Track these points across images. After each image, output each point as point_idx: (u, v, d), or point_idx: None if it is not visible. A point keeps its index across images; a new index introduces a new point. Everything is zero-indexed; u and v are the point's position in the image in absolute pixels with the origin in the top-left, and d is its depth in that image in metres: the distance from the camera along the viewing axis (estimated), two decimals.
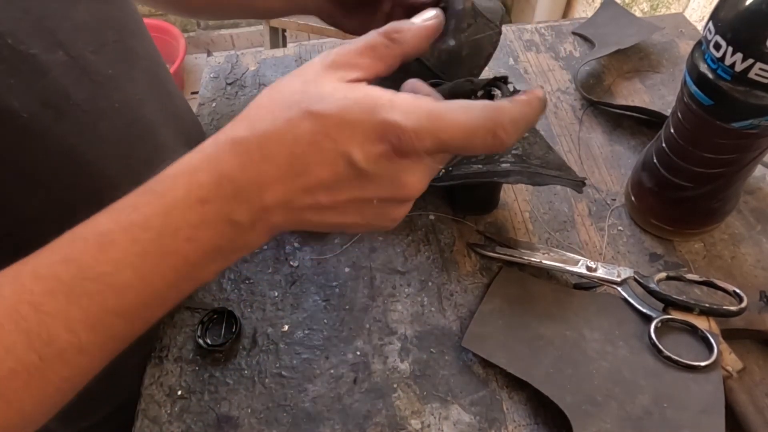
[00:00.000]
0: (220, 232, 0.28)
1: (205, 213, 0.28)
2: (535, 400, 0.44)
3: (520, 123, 0.29)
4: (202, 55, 2.31)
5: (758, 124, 0.41)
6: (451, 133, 0.28)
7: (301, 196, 0.28)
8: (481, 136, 0.28)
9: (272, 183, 0.28)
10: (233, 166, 0.28)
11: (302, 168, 0.28)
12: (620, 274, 0.48)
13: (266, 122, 0.29)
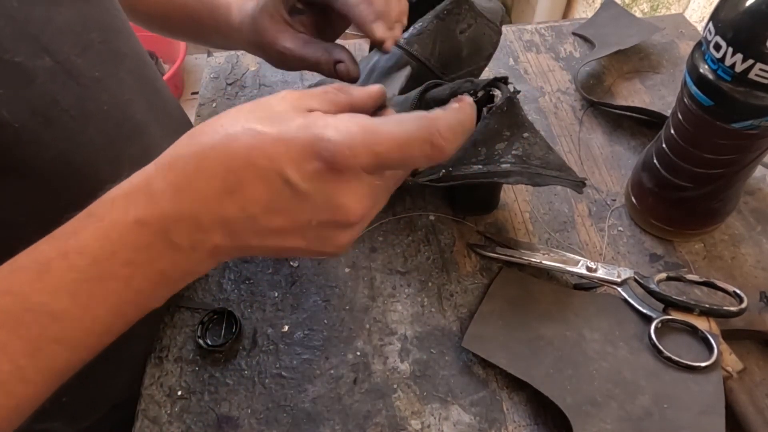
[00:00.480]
0: (160, 254, 0.27)
1: (142, 234, 0.27)
2: (535, 400, 0.44)
3: (456, 129, 0.28)
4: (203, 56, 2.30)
5: (758, 125, 0.41)
6: (387, 145, 0.27)
7: (238, 216, 0.27)
8: (418, 146, 0.27)
9: (207, 200, 0.27)
10: (170, 184, 0.27)
11: (237, 185, 0.27)
12: (620, 274, 0.48)
13: (206, 137, 0.28)
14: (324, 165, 0.27)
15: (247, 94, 0.71)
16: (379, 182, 0.29)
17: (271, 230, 0.28)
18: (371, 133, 0.27)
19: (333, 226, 0.29)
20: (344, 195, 0.28)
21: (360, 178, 0.28)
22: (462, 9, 0.56)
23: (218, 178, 0.27)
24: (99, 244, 0.27)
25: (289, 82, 0.72)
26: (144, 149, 0.46)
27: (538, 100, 0.68)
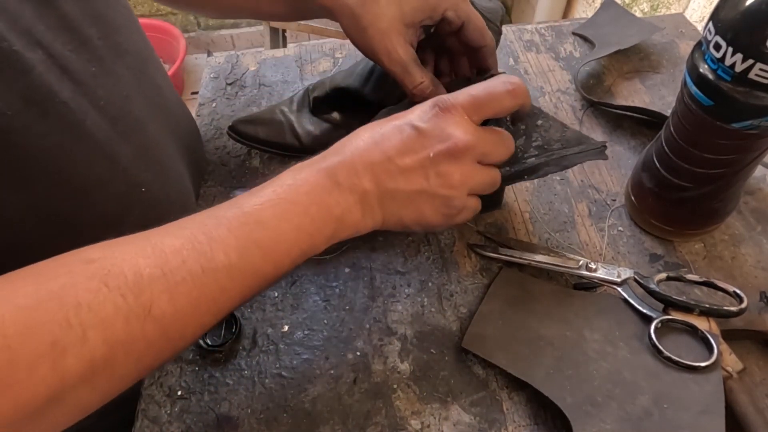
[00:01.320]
0: (328, 190, 0.36)
1: (318, 175, 0.37)
2: (535, 400, 0.44)
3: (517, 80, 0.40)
4: (203, 55, 2.31)
5: (758, 125, 0.41)
6: (476, 88, 0.39)
7: (381, 159, 0.37)
8: (500, 84, 0.39)
9: (362, 152, 0.37)
10: (337, 148, 0.39)
11: (381, 138, 0.38)
12: (620, 274, 0.48)
13: (363, 127, 0.40)
14: (438, 109, 0.38)
15: (247, 94, 0.71)
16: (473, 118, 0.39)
17: (402, 169, 0.37)
18: (469, 87, 0.40)
19: (446, 155, 0.37)
20: (452, 126, 0.38)
21: (462, 115, 0.38)
22: None
23: (369, 138, 0.38)
24: (293, 180, 0.37)
25: (289, 82, 0.73)
26: (141, 146, 0.46)
27: (538, 100, 0.68)
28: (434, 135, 0.37)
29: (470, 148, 0.38)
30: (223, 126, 0.67)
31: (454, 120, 0.38)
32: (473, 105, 0.38)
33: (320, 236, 0.37)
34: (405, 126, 0.38)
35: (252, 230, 0.34)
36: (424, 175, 0.38)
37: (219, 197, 0.60)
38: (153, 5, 2.15)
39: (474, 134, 0.38)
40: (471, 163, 0.39)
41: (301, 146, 0.60)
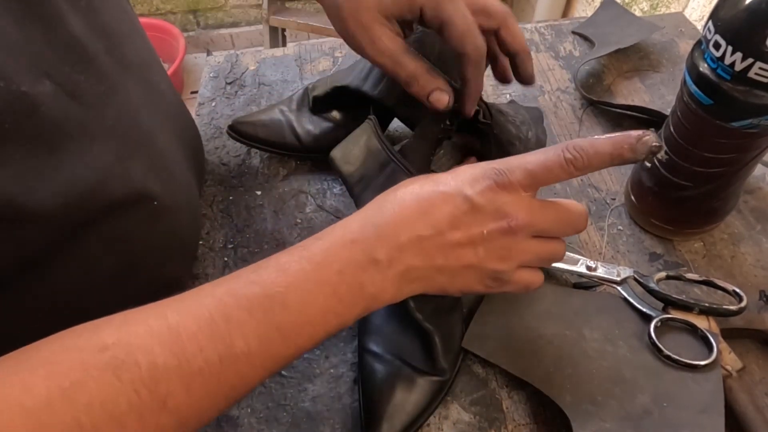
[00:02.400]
0: (363, 268, 0.33)
1: (353, 250, 0.34)
2: (535, 399, 0.44)
3: (584, 144, 0.35)
4: (202, 55, 2.31)
5: (758, 124, 0.41)
6: (534, 162, 0.35)
7: (429, 233, 0.34)
8: (555, 158, 0.35)
9: (406, 223, 0.34)
10: (375, 213, 0.36)
11: (429, 207, 0.35)
12: (620, 273, 0.48)
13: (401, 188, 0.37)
14: (493, 182, 0.35)
15: (247, 94, 0.71)
16: (535, 201, 0.36)
17: (452, 244, 0.35)
18: (522, 157, 0.36)
19: (501, 234, 0.35)
20: (508, 204, 0.35)
21: (519, 192, 0.35)
22: None
23: (414, 205, 0.35)
24: (322, 255, 0.34)
25: (289, 81, 0.72)
26: (151, 158, 0.45)
27: (538, 99, 0.68)
28: (489, 212, 0.35)
29: (526, 227, 0.36)
30: (223, 125, 0.67)
31: (511, 198, 0.35)
32: (531, 182, 0.35)
33: (349, 315, 0.34)
34: (457, 196, 0.35)
35: (275, 315, 0.32)
36: (474, 251, 0.35)
37: (219, 197, 0.60)
38: (153, 4, 2.15)
39: (531, 213, 0.36)
40: (525, 239, 0.36)
41: (300, 145, 0.60)
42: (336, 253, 0.34)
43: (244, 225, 0.57)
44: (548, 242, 0.38)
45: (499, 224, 0.35)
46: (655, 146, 0.34)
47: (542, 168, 0.35)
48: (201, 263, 0.55)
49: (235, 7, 2.21)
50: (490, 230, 0.35)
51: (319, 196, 0.60)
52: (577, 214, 0.37)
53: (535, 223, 0.36)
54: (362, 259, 0.34)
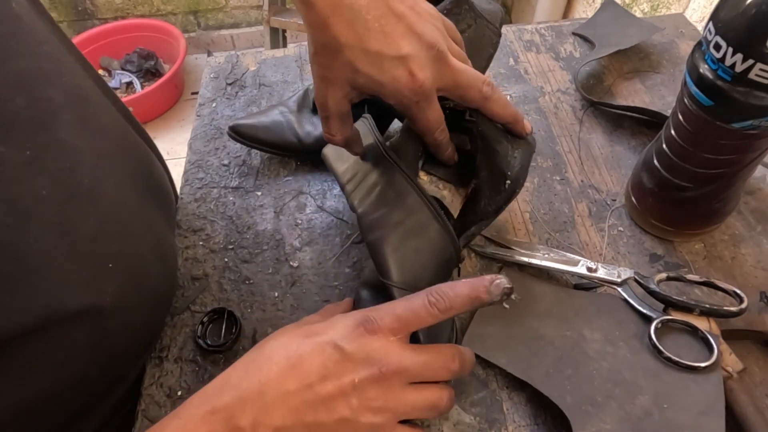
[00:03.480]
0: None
1: (212, 423, 0.31)
2: (535, 400, 0.44)
3: (447, 290, 0.36)
4: (203, 56, 2.31)
5: (758, 125, 0.41)
6: (401, 306, 0.36)
7: (298, 387, 0.32)
8: (420, 304, 0.36)
9: (273, 380, 0.32)
10: (239, 373, 0.34)
11: (298, 360, 0.33)
12: (620, 274, 0.48)
13: (270, 339, 0.36)
14: (363, 329, 0.35)
15: (247, 94, 0.71)
16: (407, 345, 0.36)
17: (323, 398, 0.33)
18: (392, 304, 0.37)
19: (372, 381, 0.34)
20: (378, 350, 0.34)
21: (388, 337, 0.35)
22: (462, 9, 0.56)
23: (283, 360, 0.33)
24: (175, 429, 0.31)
25: (289, 82, 0.73)
26: (102, 216, 0.39)
27: (538, 100, 0.68)
28: (359, 359, 0.34)
29: (398, 373, 0.34)
30: (223, 126, 0.67)
31: (381, 344, 0.35)
32: (399, 326, 0.35)
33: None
34: (327, 346, 0.34)
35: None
36: (347, 402, 0.33)
37: (219, 198, 0.60)
38: (153, 5, 2.16)
39: (402, 358, 0.35)
40: (400, 388, 0.35)
41: (301, 146, 0.60)
42: (194, 428, 0.31)
43: (245, 226, 0.57)
44: (427, 389, 0.37)
45: (370, 371, 0.34)
46: (506, 288, 0.36)
47: (409, 312, 0.35)
48: (201, 264, 0.55)
49: (235, 8, 2.22)
50: (361, 378, 0.33)
51: (320, 196, 0.60)
52: (449, 356, 0.37)
53: (407, 367, 0.35)
54: (223, 430, 0.31)
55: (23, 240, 0.32)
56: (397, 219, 0.43)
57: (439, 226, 0.44)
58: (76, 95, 0.40)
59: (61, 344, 0.35)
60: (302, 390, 0.32)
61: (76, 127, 0.38)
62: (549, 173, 0.60)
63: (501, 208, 0.46)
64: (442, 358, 0.37)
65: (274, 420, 0.32)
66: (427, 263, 0.43)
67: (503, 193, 0.45)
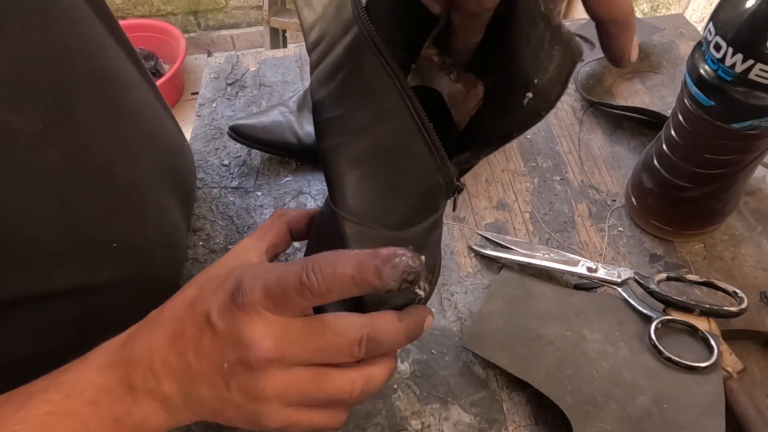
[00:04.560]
0: (118, 398, 0.29)
1: (109, 377, 0.29)
2: (535, 400, 0.44)
3: (327, 269, 0.28)
4: (203, 56, 2.31)
5: (758, 125, 0.41)
6: (273, 279, 0.28)
7: (179, 362, 0.29)
8: (292, 277, 0.28)
9: (159, 346, 0.29)
10: (141, 332, 0.31)
11: (180, 331, 0.30)
12: (620, 274, 0.48)
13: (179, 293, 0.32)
14: (232, 301, 0.28)
15: (247, 94, 0.71)
16: (293, 322, 0.29)
17: (200, 375, 0.29)
18: (268, 269, 0.29)
19: (241, 367, 0.28)
20: (250, 330, 0.28)
21: (261, 313, 0.28)
22: None
23: (169, 327, 0.30)
24: (74, 381, 0.29)
25: (289, 82, 0.73)
26: (109, 197, 0.39)
27: None
28: (228, 339, 0.28)
29: (272, 360, 0.28)
30: (223, 126, 0.67)
31: (252, 322, 0.28)
32: (270, 304, 0.28)
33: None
34: (202, 320, 0.29)
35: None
36: (225, 383, 0.29)
37: (219, 198, 0.60)
38: (153, 5, 2.16)
39: (279, 342, 0.28)
40: (283, 372, 0.29)
41: (301, 146, 0.60)
42: (88, 379, 0.29)
43: (245, 226, 0.57)
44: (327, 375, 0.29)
45: (237, 355, 0.28)
46: (407, 272, 0.26)
47: (279, 288, 0.28)
48: (201, 264, 0.54)
49: (235, 8, 2.22)
50: (230, 363, 0.28)
51: (320, 196, 0.59)
52: (352, 340, 0.29)
53: (283, 355, 0.28)
54: (117, 386, 0.29)
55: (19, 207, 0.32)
56: (363, 122, 0.30)
57: (424, 142, 0.30)
58: (103, 77, 0.40)
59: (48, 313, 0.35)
60: (182, 365, 0.29)
61: (96, 108, 0.38)
62: (549, 173, 0.60)
63: (513, 132, 0.30)
64: (339, 344, 0.29)
65: (163, 388, 0.29)
66: (399, 192, 0.31)
67: (519, 110, 0.29)
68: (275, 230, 0.36)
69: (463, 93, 0.33)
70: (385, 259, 0.26)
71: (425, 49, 0.33)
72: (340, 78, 0.30)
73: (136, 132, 0.44)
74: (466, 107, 0.34)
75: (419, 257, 0.26)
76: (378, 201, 0.30)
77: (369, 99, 0.29)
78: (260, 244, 0.35)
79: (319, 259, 0.28)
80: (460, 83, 0.34)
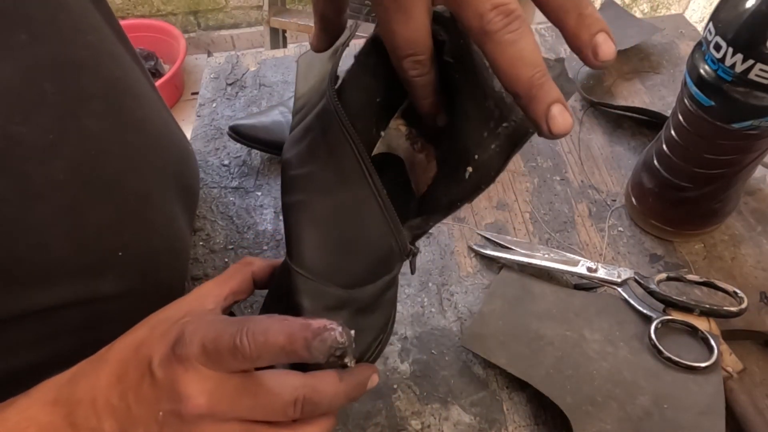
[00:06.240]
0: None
1: (53, 414, 0.29)
2: (535, 400, 0.44)
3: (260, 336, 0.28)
4: (203, 56, 2.31)
5: (758, 125, 0.41)
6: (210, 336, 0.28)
7: (119, 404, 0.29)
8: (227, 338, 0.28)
9: (102, 387, 0.29)
10: (85, 369, 0.31)
11: (123, 373, 0.30)
12: (620, 274, 0.48)
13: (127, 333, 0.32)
14: (172, 352, 0.28)
15: (247, 94, 0.71)
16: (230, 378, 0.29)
17: (140, 420, 0.29)
18: (210, 326, 0.29)
19: (177, 419, 0.28)
20: (185, 383, 0.28)
21: (197, 368, 0.28)
22: None
23: (114, 367, 0.30)
24: (17, 418, 0.29)
25: (289, 82, 0.73)
26: (118, 206, 0.39)
27: None
28: (165, 389, 0.29)
29: (204, 416, 0.28)
30: (223, 126, 0.67)
31: (188, 376, 0.28)
32: (207, 360, 0.28)
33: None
34: (145, 366, 0.29)
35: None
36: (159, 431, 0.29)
37: (219, 198, 0.60)
38: (153, 5, 2.16)
39: (213, 399, 0.28)
40: (215, 425, 0.29)
41: None
42: (32, 416, 0.29)
43: (245, 226, 0.57)
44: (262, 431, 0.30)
45: (171, 407, 0.28)
46: (334, 347, 0.27)
47: (214, 347, 0.28)
48: (201, 264, 0.54)
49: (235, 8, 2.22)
50: (165, 412, 0.29)
51: None
52: (286, 401, 0.29)
53: (219, 409, 0.28)
54: (61, 424, 0.29)
55: (27, 218, 0.32)
56: (325, 183, 0.31)
57: (379, 210, 0.31)
58: (112, 87, 0.40)
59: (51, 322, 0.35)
60: (122, 407, 0.29)
61: (105, 118, 0.38)
62: (549, 173, 0.60)
63: (456, 203, 0.31)
64: (273, 404, 0.29)
65: (104, 427, 0.29)
66: (354, 253, 0.32)
67: (462, 183, 0.30)
68: (239, 278, 0.36)
69: (424, 163, 0.35)
70: (315, 333, 0.27)
71: (394, 120, 0.35)
72: (309, 139, 0.32)
73: (145, 142, 0.44)
74: (425, 176, 0.35)
75: (348, 332, 0.27)
76: (333, 260, 0.31)
77: (332, 162, 0.31)
78: (221, 289, 0.35)
79: (254, 324, 0.28)
80: (423, 153, 0.35)
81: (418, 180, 0.35)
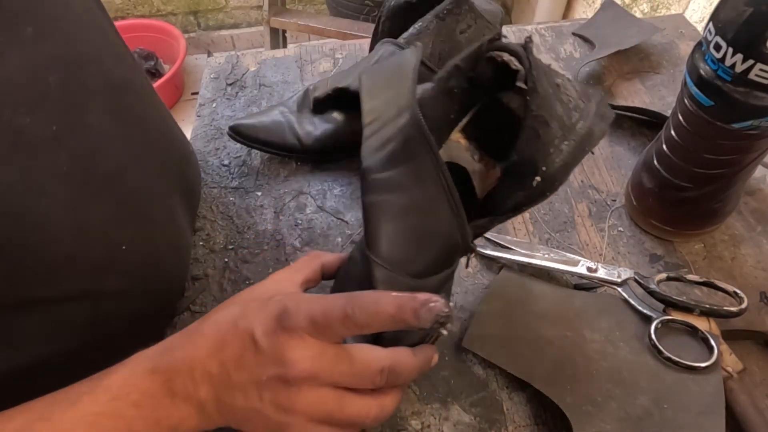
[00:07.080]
0: (160, 401, 0.32)
1: (152, 381, 0.32)
2: (535, 400, 0.44)
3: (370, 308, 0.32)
4: (203, 56, 2.31)
5: (758, 125, 0.41)
6: (319, 309, 0.32)
7: (219, 371, 0.32)
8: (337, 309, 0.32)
9: (200, 357, 0.33)
10: (180, 341, 0.34)
11: (222, 343, 0.33)
12: (620, 274, 0.48)
13: (218, 309, 0.36)
14: (278, 324, 0.32)
15: (247, 95, 0.71)
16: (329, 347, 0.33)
17: (239, 385, 0.32)
18: (314, 300, 0.33)
19: (278, 382, 0.32)
20: (290, 350, 0.32)
21: (303, 337, 0.32)
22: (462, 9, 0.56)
23: (212, 339, 0.33)
24: (120, 384, 0.32)
25: (290, 82, 0.73)
26: (118, 202, 0.40)
27: None
28: (270, 356, 0.32)
29: (306, 379, 0.32)
30: (223, 126, 0.67)
31: (295, 344, 0.32)
32: (314, 330, 0.32)
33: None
34: (246, 337, 0.33)
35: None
36: (259, 395, 0.32)
37: (219, 198, 0.60)
38: (153, 5, 2.16)
39: (315, 362, 0.32)
40: (313, 390, 0.32)
41: (301, 146, 0.60)
42: (133, 383, 0.32)
43: (245, 226, 0.57)
44: (351, 402, 0.33)
45: (277, 371, 0.32)
46: (441, 315, 0.30)
47: (324, 318, 0.32)
48: (201, 264, 0.54)
49: (235, 8, 2.22)
50: (269, 377, 0.32)
51: (320, 197, 0.60)
52: (374, 371, 0.33)
53: (317, 375, 0.32)
54: (159, 390, 0.32)
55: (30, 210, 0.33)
56: (402, 185, 0.36)
57: (449, 207, 0.36)
58: (114, 84, 0.42)
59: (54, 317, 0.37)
60: (222, 374, 0.33)
61: (107, 114, 0.40)
62: None
63: (521, 207, 0.37)
64: (365, 371, 0.33)
65: (200, 394, 0.33)
66: (425, 246, 0.37)
67: (529, 190, 0.36)
68: (312, 267, 0.41)
69: (483, 171, 0.41)
70: (422, 303, 0.31)
71: (454, 133, 0.41)
72: (389, 149, 0.36)
73: (146, 138, 0.45)
74: (485, 183, 0.41)
75: (449, 304, 0.31)
76: (406, 252, 0.36)
77: (411, 166, 0.36)
78: (296, 277, 0.40)
79: (363, 296, 0.32)
80: (482, 163, 0.41)
81: (479, 186, 0.41)
